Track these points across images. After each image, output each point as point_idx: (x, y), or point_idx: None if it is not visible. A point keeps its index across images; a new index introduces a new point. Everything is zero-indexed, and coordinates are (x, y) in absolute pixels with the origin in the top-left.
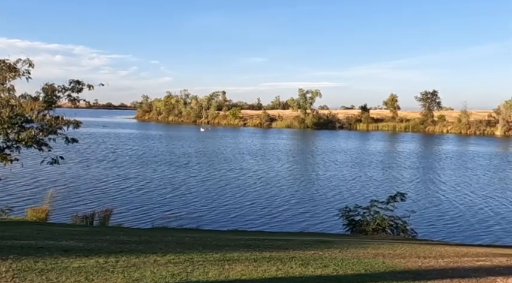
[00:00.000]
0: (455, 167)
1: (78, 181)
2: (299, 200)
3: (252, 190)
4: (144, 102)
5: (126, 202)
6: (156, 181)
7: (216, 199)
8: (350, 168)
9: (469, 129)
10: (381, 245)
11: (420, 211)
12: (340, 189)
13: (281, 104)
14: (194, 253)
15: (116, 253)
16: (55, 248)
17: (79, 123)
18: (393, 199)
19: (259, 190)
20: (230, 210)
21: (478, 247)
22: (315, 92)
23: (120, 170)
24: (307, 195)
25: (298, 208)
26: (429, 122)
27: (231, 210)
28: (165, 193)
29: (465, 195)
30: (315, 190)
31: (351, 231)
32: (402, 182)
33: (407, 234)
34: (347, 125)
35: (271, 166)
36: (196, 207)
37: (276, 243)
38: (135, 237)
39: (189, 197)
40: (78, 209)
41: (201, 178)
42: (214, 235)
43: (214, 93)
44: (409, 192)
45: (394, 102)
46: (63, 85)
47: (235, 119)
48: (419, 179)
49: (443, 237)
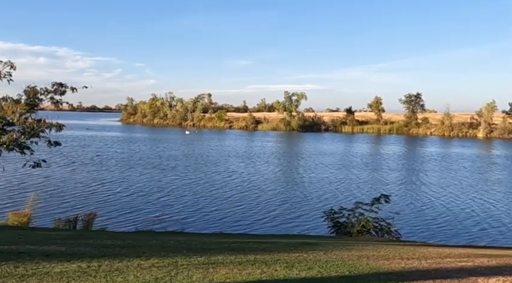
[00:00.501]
0: (438, 169)
1: (61, 185)
2: (284, 202)
3: (238, 193)
4: (129, 104)
5: (110, 206)
6: (141, 184)
7: (201, 202)
8: (335, 170)
9: (451, 131)
10: (365, 247)
11: (404, 213)
12: (325, 191)
13: (267, 106)
14: (178, 256)
15: (98, 258)
16: (36, 253)
17: (62, 126)
18: (377, 201)
19: (244, 193)
20: (215, 212)
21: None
22: (300, 94)
23: (104, 173)
24: (292, 197)
25: (284, 211)
26: (413, 124)
27: (216, 212)
28: (150, 196)
29: (448, 197)
30: (300, 192)
31: (336, 233)
32: (387, 184)
33: (391, 235)
34: (332, 127)
35: (256, 169)
36: (182, 210)
37: (260, 246)
38: (119, 240)
39: (174, 200)
40: (61, 213)
41: (186, 181)
42: (199, 238)
43: (199, 96)
44: (394, 194)
45: (378, 105)
46: (46, 88)
47: (221, 122)
48: (403, 181)
49: (427, 238)
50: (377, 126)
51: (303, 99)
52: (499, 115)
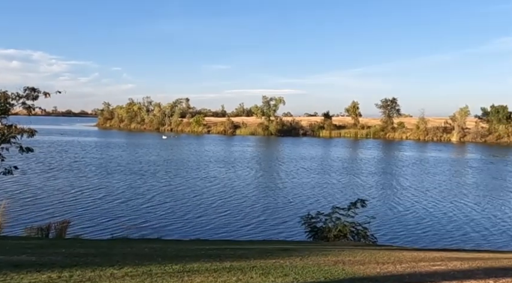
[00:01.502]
0: (414, 173)
1: (35, 192)
2: (262, 208)
3: (215, 199)
4: (105, 109)
5: (85, 213)
6: (117, 190)
7: (179, 208)
8: (313, 175)
9: (426, 135)
10: (342, 252)
11: (380, 217)
12: (303, 196)
13: (245, 111)
14: (153, 265)
15: (70, 267)
16: (5, 263)
17: (34, 132)
18: (354, 205)
19: (222, 199)
20: (194, 219)
21: (434, 252)
22: (278, 99)
23: (79, 180)
24: (271, 202)
25: (261, 216)
26: (389, 129)
27: (194, 219)
28: (126, 203)
29: (423, 200)
30: (278, 197)
31: (313, 238)
32: (363, 188)
33: (367, 240)
34: (310, 132)
35: (235, 174)
36: (159, 217)
37: (237, 252)
38: (92, 249)
39: (152, 206)
40: (34, 221)
41: (164, 187)
42: (175, 245)
43: (177, 100)
44: (370, 198)
45: (355, 109)
46: (17, 92)
47: (199, 126)
48: (380, 185)
49: (402, 241)
50: (354, 130)
51: (281, 103)
52: (472, 120)
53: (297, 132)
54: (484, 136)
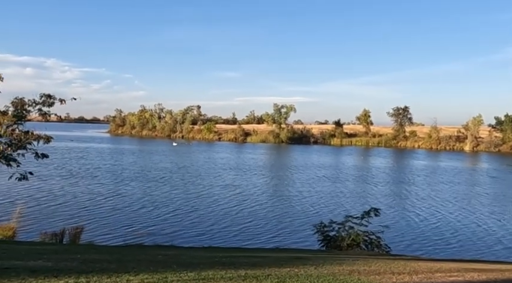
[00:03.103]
0: (427, 182)
1: (48, 198)
2: (274, 216)
3: (227, 206)
4: (117, 116)
5: (97, 219)
6: (129, 197)
7: (190, 215)
8: (325, 183)
9: (439, 144)
10: (356, 261)
11: (394, 226)
12: (315, 204)
13: (256, 118)
14: (168, 272)
15: (86, 273)
16: (22, 269)
17: (50, 138)
18: (367, 214)
19: (233, 206)
20: (205, 225)
21: (450, 262)
22: (289, 106)
23: (91, 186)
24: (282, 210)
25: (273, 224)
26: (401, 137)
27: (205, 226)
28: (138, 209)
29: (437, 210)
30: (290, 205)
31: (326, 246)
32: (376, 197)
33: (381, 249)
34: (321, 140)
35: (246, 182)
36: (170, 223)
37: (251, 260)
38: (107, 255)
39: (162, 213)
40: (48, 226)
41: (175, 193)
42: (189, 252)
43: (188, 108)
44: (383, 207)
45: (366, 118)
46: (34, 99)
47: (210, 133)
48: (392, 194)
49: (417, 251)
50: (365, 138)
51: (292, 111)
52: (485, 129)
53: (308, 140)
54: (497, 145)
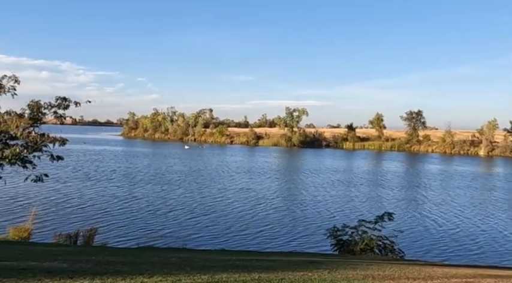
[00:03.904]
0: (441, 186)
1: (62, 200)
2: (286, 219)
3: (239, 209)
4: (130, 119)
5: (111, 221)
6: (142, 199)
7: (203, 218)
8: (338, 187)
9: (453, 148)
10: (370, 266)
11: (407, 231)
12: (327, 208)
13: (268, 122)
14: (182, 274)
15: (101, 275)
16: (38, 270)
17: (65, 141)
18: (381, 219)
19: (246, 210)
20: (217, 229)
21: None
22: (301, 110)
23: (105, 188)
24: (295, 214)
25: (286, 228)
26: (414, 141)
27: (218, 229)
28: (151, 212)
29: (452, 215)
30: (303, 209)
31: (339, 251)
32: (390, 201)
33: (395, 254)
34: (333, 144)
35: (258, 185)
36: (183, 226)
37: (264, 264)
38: (121, 257)
39: (175, 215)
40: (62, 228)
41: (188, 196)
42: (202, 255)
43: (201, 111)
44: (397, 212)
45: (379, 121)
46: (50, 102)
47: (222, 137)
48: (406, 198)
49: (431, 256)
50: (378, 142)
51: (304, 115)
52: (501, 133)
53: (320, 144)
54: None
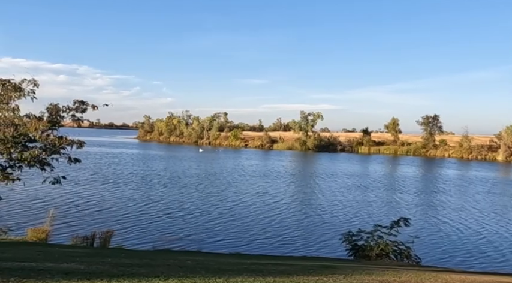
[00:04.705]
0: (459, 192)
1: (79, 201)
2: (301, 223)
3: (253, 213)
4: (146, 122)
5: (127, 223)
6: (158, 202)
7: (217, 221)
8: (353, 192)
9: (470, 153)
10: (386, 271)
11: (424, 237)
12: (342, 212)
13: (282, 125)
14: (197, 277)
15: (117, 277)
16: (56, 271)
17: (82, 143)
18: (397, 224)
19: (260, 213)
20: (232, 232)
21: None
22: (316, 114)
23: (121, 190)
24: (309, 218)
25: (301, 232)
26: (431, 146)
27: (233, 232)
28: (166, 215)
29: (469, 221)
30: (317, 213)
31: (354, 256)
32: (406, 206)
33: (411, 260)
34: (348, 148)
35: (273, 189)
36: (198, 229)
37: (279, 268)
38: (137, 259)
39: (190, 219)
40: (79, 230)
41: (202, 199)
42: (216, 258)
43: (216, 114)
44: (413, 217)
45: (395, 126)
46: (68, 105)
47: (236, 140)
48: (422, 203)
49: (448, 263)
50: (394, 147)
51: (319, 119)
52: None
53: (335, 148)
54: None
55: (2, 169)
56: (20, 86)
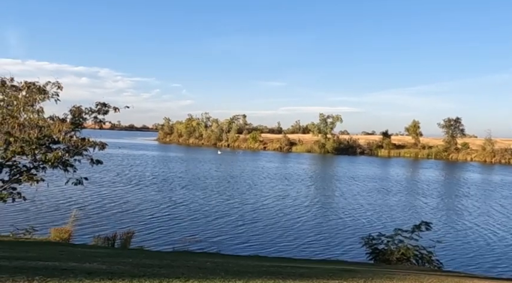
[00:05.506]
0: (483, 196)
1: (101, 202)
2: (320, 226)
3: (273, 215)
4: (165, 124)
5: (147, 224)
6: (177, 204)
7: (236, 223)
8: (374, 195)
9: (493, 157)
10: (407, 276)
11: (446, 241)
12: (363, 216)
13: (301, 128)
14: (217, 279)
15: (139, 277)
16: (79, 270)
17: (104, 145)
18: (418, 228)
19: (280, 216)
20: (250, 234)
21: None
22: (336, 117)
23: (142, 192)
24: (328, 221)
25: (320, 235)
26: (452, 150)
27: (251, 234)
28: (186, 216)
29: (497, 227)
30: (337, 217)
31: (374, 259)
32: (428, 210)
33: (432, 264)
34: (368, 151)
35: (292, 192)
36: (218, 231)
37: (298, 271)
38: (157, 260)
39: (210, 221)
40: (100, 230)
41: (222, 201)
42: (236, 260)
43: (234, 117)
44: (435, 221)
45: (416, 129)
46: (90, 107)
47: (255, 143)
48: (445, 208)
49: (470, 269)
50: (414, 150)
51: (338, 121)
52: None
53: (354, 151)
54: None
55: (27, 170)
56: (45, 89)
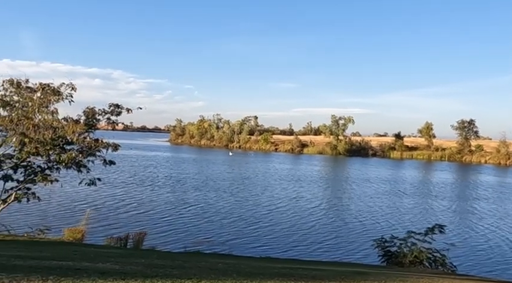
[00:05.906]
0: (498, 199)
1: (113, 203)
2: (332, 228)
3: (285, 217)
4: (177, 125)
5: (159, 225)
6: (189, 205)
7: (248, 225)
8: (385, 197)
9: (508, 159)
10: (420, 279)
11: (459, 244)
12: (375, 218)
13: (313, 129)
14: (229, 280)
15: (151, 277)
16: (92, 270)
17: (117, 146)
18: (431, 231)
19: (291, 217)
20: (262, 236)
21: None
22: (348, 118)
23: (154, 193)
24: (340, 223)
25: (331, 237)
26: (466, 152)
27: (263, 236)
28: (198, 218)
29: (507, 229)
30: (349, 219)
31: (387, 262)
32: (441, 213)
33: (446, 268)
34: (380, 153)
35: (304, 193)
36: (229, 232)
37: (310, 273)
38: (169, 261)
39: (221, 222)
40: (113, 231)
41: (234, 203)
42: (247, 262)
43: (246, 118)
44: (449, 224)
45: (429, 131)
46: (104, 108)
47: (266, 144)
48: (459, 210)
49: (484, 272)
50: (428, 152)
51: (350, 123)
52: None
53: (366, 153)
54: None
55: (41, 170)
56: (59, 90)
